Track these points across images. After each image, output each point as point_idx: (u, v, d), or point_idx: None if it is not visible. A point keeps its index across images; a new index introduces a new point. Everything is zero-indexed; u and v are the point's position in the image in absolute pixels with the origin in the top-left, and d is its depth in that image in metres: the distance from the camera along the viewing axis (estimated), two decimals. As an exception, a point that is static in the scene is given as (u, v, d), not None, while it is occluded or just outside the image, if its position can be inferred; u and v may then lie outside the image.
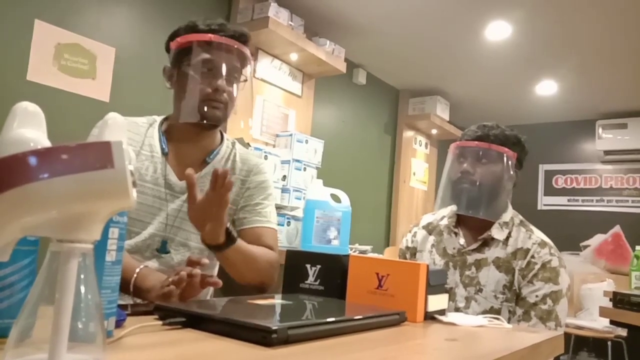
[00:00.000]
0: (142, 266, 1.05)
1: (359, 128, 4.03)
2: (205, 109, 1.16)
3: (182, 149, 1.25)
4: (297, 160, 2.85)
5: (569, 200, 4.91)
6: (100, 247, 0.60)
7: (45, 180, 0.39)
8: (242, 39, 1.20)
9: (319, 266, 1.06)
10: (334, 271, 1.04)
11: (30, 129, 0.58)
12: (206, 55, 1.16)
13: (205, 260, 0.97)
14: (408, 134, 4.48)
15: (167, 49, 1.25)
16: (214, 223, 1.03)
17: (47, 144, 0.58)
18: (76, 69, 2.19)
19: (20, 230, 0.41)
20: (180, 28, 1.22)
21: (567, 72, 3.80)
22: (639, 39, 3.13)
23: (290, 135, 2.92)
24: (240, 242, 1.11)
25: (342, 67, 3.26)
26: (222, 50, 1.17)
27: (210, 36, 1.16)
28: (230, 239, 1.07)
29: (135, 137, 1.22)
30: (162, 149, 1.23)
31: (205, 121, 1.17)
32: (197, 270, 0.93)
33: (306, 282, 1.06)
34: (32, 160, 0.40)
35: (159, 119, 1.30)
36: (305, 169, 2.88)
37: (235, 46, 1.17)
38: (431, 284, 0.99)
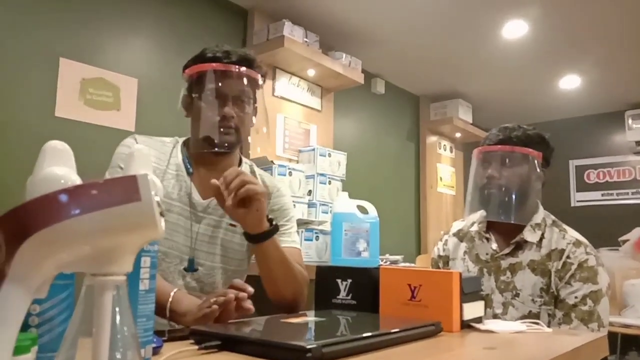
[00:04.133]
0: (175, 289, 1.07)
1: (381, 137, 4.02)
2: (215, 137, 1.18)
3: (202, 171, 1.27)
4: (322, 174, 2.85)
5: (603, 195, 4.78)
6: (133, 277, 0.62)
7: (77, 217, 0.40)
8: (247, 63, 1.21)
9: (349, 280, 1.06)
10: (365, 285, 1.04)
11: (60, 167, 0.61)
12: (211, 84, 1.18)
13: (250, 288, 0.98)
14: (431, 139, 4.44)
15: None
16: (252, 212, 1.07)
17: (76, 179, 0.60)
18: (101, 102, 2.25)
19: (55, 267, 0.42)
20: (192, 57, 1.25)
21: (590, 65, 3.72)
22: (662, 25, 3.05)
23: (313, 149, 2.94)
24: (278, 241, 1.16)
25: (360, 78, 3.27)
26: (226, 77, 1.19)
27: (213, 65, 1.17)
28: (272, 227, 1.13)
29: (162, 157, 1.26)
30: (187, 169, 1.26)
31: (216, 149, 1.19)
32: (244, 294, 0.94)
33: (338, 297, 1.06)
34: (63, 199, 0.41)
35: (180, 140, 1.33)
36: (330, 182, 2.88)
37: (240, 71, 1.18)
38: (465, 291, 0.97)
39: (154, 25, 2.53)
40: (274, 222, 1.15)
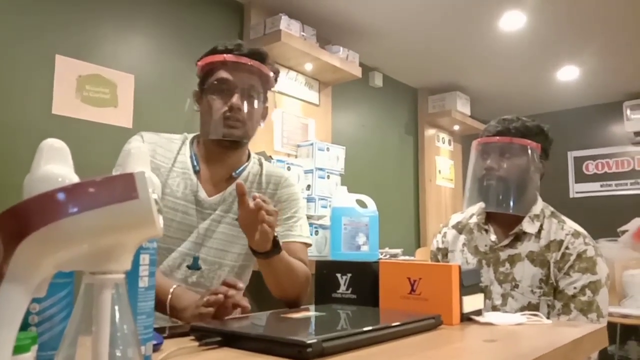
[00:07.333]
0: (175, 285, 1.07)
1: (380, 131, 4.01)
2: (223, 127, 1.19)
3: (209, 168, 1.27)
4: (320, 169, 2.85)
5: (602, 186, 4.78)
6: (132, 275, 0.62)
7: (75, 216, 0.40)
8: (257, 56, 1.22)
9: (349, 275, 1.06)
10: (365, 279, 1.04)
11: (57, 165, 0.60)
12: (221, 75, 1.20)
13: (241, 285, 0.99)
14: (430, 132, 4.44)
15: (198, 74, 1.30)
16: (262, 231, 1.05)
17: (74, 178, 0.60)
18: (98, 99, 2.25)
19: (54, 266, 0.42)
20: (206, 52, 1.25)
21: (589, 56, 3.71)
22: (660, 14, 3.04)
23: (311, 144, 2.93)
24: (283, 252, 1.14)
25: (358, 71, 3.26)
26: (237, 69, 1.20)
27: (224, 56, 1.19)
28: (276, 247, 1.10)
29: (167, 154, 1.25)
30: (194, 167, 1.25)
31: (224, 138, 1.19)
32: (233, 291, 0.95)
33: (338, 291, 1.06)
34: (61, 197, 0.41)
35: (190, 136, 1.33)
36: (329, 177, 2.88)
37: (250, 64, 1.19)
38: (465, 284, 0.98)
39: (150, 21, 2.52)
40: (279, 243, 1.12)
